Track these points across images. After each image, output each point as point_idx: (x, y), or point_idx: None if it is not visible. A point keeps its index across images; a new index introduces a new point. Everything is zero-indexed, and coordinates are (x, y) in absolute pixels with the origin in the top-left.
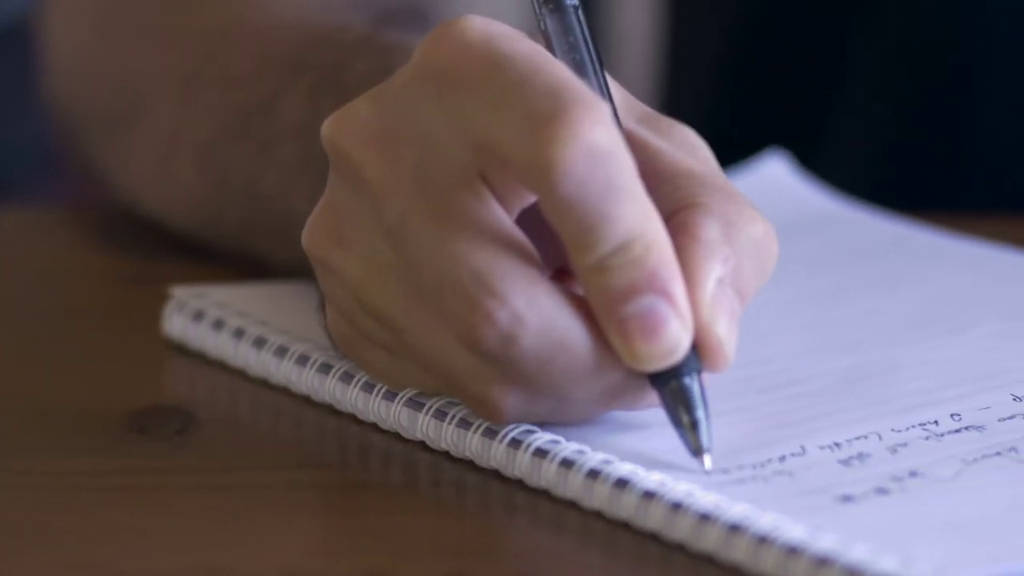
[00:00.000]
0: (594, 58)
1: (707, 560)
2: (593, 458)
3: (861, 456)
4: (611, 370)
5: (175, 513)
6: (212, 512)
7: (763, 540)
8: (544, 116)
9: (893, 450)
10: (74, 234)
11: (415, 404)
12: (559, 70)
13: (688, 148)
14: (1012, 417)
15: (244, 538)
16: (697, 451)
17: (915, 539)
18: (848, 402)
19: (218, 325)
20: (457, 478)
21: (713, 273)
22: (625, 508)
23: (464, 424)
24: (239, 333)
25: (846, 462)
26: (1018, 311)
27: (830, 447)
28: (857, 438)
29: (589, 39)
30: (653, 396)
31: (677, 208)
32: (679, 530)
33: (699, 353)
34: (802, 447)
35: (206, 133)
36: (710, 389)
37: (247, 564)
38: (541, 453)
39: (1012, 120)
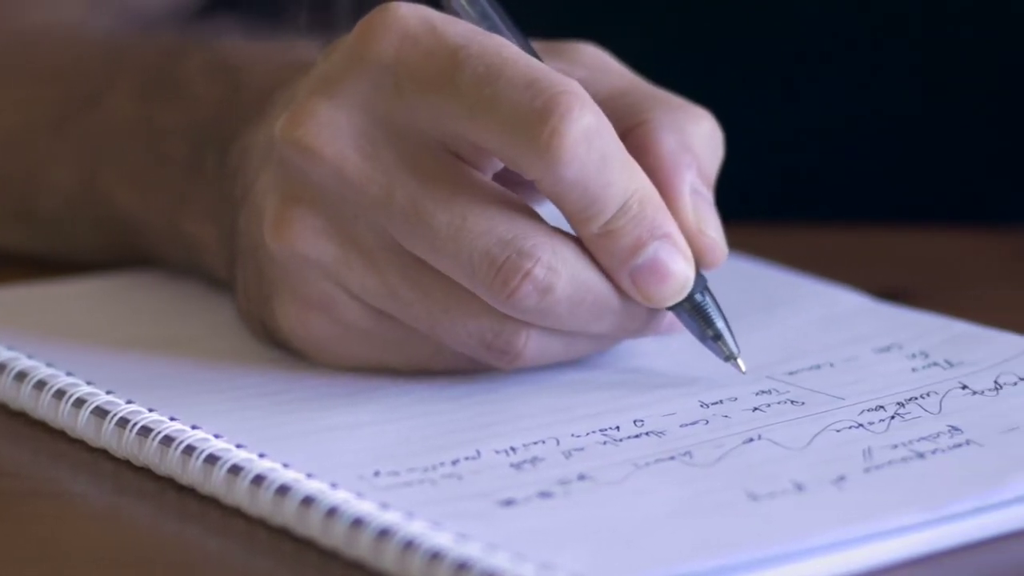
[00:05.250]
0: (494, 6)
1: (358, 567)
2: (260, 464)
3: (534, 460)
4: (634, 304)
5: None
6: None
7: (409, 545)
8: (534, 110)
9: (568, 454)
10: None
11: (100, 412)
12: (517, 54)
13: (605, 67)
14: (695, 423)
15: None
16: (728, 358)
17: (562, 545)
18: (534, 408)
19: None
20: (137, 486)
21: (686, 183)
22: (285, 515)
23: (144, 431)
24: None
25: (518, 466)
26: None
27: (505, 451)
28: (535, 443)
29: None
30: (663, 321)
31: (626, 129)
32: (333, 536)
33: (697, 258)
34: (477, 451)
35: (16, 123)
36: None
37: None
38: (211, 460)
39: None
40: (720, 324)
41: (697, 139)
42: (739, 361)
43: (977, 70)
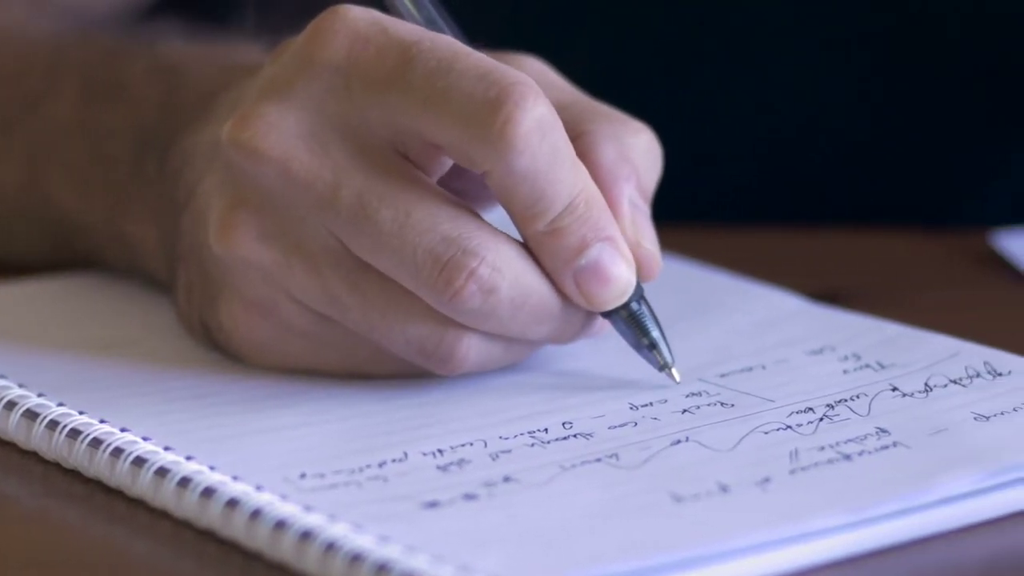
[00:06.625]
0: (440, 11)
1: (282, 569)
2: (187, 467)
3: (461, 462)
4: (573, 309)
5: None
6: None
7: (331, 547)
8: (487, 100)
9: (495, 456)
10: None
11: (30, 415)
12: (467, 49)
13: (546, 80)
14: (623, 425)
15: None
16: (663, 367)
17: (482, 546)
18: (464, 411)
19: None
20: (66, 489)
21: (624, 195)
22: (210, 517)
23: (73, 434)
24: None
25: (444, 468)
26: (663, 319)
27: (432, 453)
28: (462, 445)
29: None
30: (597, 324)
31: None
32: (256, 538)
33: (635, 270)
34: (405, 453)
35: None
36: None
37: None
38: (139, 462)
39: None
40: (655, 333)
41: (636, 152)
42: (673, 371)
43: (914, 75)
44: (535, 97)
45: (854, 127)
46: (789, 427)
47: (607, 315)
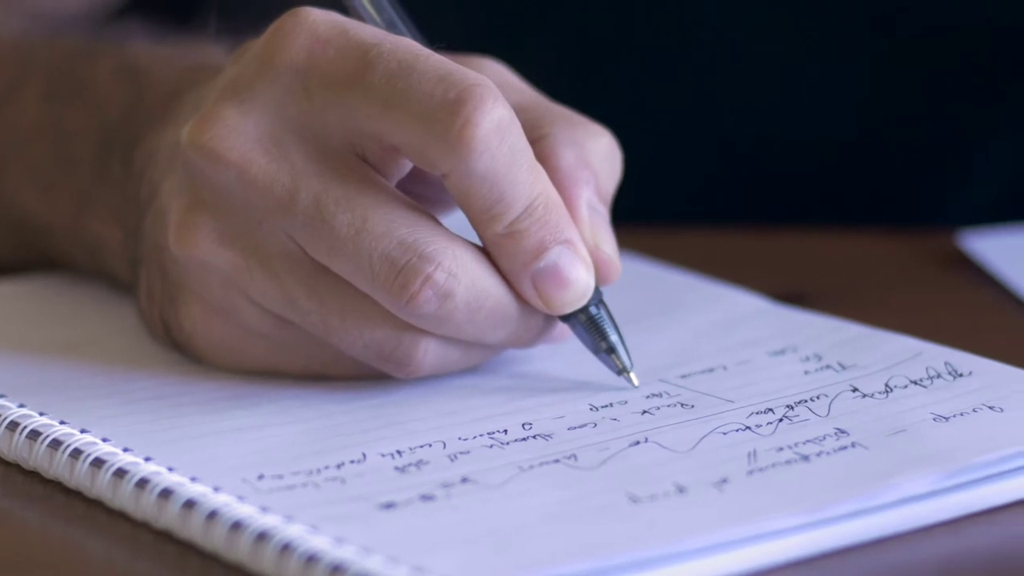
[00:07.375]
0: (400, 14)
1: (239, 570)
2: (145, 468)
3: (419, 463)
4: (531, 313)
5: None
6: None
7: (287, 548)
8: (447, 101)
9: (453, 457)
10: None
11: None
12: (428, 52)
13: (506, 82)
14: (583, 426)
15: None
16: (621, 371)
17: (437, 547)
18: (423, 412)
19: None
20: (26, 490)
21: (583, 199)
22: (167, 518)
23: (33, 435)
24: None
25: (403, 469)
26: (622, 321)
27: (391, 455)
28: (421, 446)
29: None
30: (558, 330)
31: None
32: (213, 539)
33: (593, 274)
34: (363, 454)
35: None
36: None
37: None
38: (98, 463)
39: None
40: (614, 337)
41: (595, 155)
42: (631, 375)
43: (883, 77)
44: (494, 99)
45: (822, 128)
46: (748, 428)
47: (565, 319)
